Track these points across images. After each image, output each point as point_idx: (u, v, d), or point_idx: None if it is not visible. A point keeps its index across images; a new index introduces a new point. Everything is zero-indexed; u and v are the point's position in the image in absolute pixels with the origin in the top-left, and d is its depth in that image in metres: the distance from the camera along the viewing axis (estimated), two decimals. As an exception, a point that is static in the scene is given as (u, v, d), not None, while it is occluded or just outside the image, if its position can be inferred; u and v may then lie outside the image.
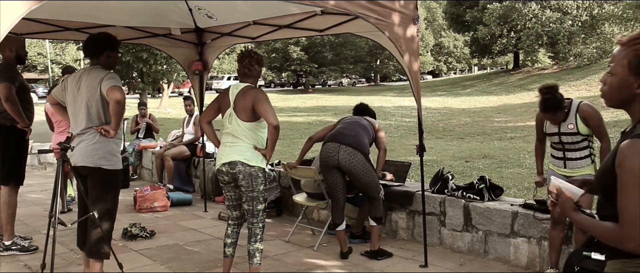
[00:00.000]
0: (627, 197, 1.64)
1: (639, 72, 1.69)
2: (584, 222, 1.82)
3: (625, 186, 1.64)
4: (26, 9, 2.10)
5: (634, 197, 1.62)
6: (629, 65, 1.71)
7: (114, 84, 3.60)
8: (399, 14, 4.08)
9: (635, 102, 1.75)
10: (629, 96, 1.75)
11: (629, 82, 1.72)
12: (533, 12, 32.28)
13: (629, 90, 1.73)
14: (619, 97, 1.79)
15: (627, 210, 1.64)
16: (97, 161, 3.64)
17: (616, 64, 1.75)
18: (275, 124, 3.65)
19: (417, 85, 4.33)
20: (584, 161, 3.88)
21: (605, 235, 1.73)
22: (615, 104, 1.82)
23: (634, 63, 1.69)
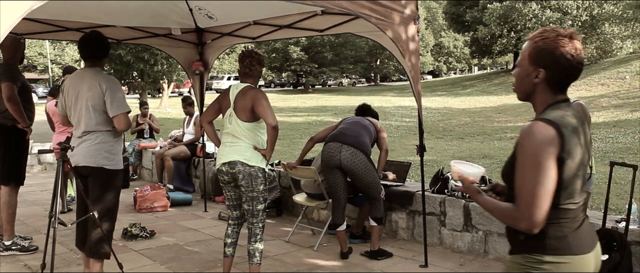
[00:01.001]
0: (521, 176, 1.70)
1: (537, 62, 1.79)
2: (486, 204, 1.86)
3: (520, 165, 1.71)
4: (27, 8, 2.10)
5: (527, 175, 1.68)
6: (529, 56, 1.82)
7: (122, 112, 3.63)
8: (399, 13, 4.08)
9: (536, 93, 1.84)
10: (531, 87, 1.84)
11: (529, 71, 1.82)
12: (533, 12, 32.26)
13: (529, 80, 1.83)
14: (522, 88, 1.88)
15: (521, 189, 1.70)
16: (99, 161, 3.65)
17: (521, 57, 1.86)
18: (274, 124, 3.65)
19: (418, 85, 4.33)
20: None
21: (504, 215, 1.78)
22: (522, 96, 1.89)
23: (533, 54, 1.80)
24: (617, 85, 21.74)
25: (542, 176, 1.66)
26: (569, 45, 1.75)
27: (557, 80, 1.79)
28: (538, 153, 1.67)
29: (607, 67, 25.83)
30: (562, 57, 1.75)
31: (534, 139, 1.68)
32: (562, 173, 1.70)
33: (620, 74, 23.26)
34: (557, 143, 1.68)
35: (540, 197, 1.66)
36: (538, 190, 1.66)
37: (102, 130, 3.67)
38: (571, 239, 1.76)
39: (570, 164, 1.70)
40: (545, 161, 1.66)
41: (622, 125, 13.46)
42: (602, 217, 3.89)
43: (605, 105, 17.69)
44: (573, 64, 1.76)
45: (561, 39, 1.76)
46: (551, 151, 1.67)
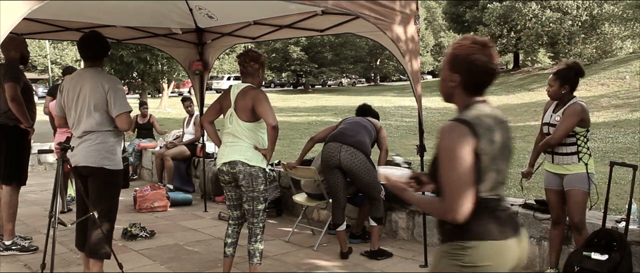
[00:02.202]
0: (443, 171, 1.85)
1: (452, 68, 1.95)
2: (413, 199, 2.04)
3: (441, 161, 1.87)
4: (27, 9, 2.10)
5: (447, 170, 1.84)
6: (447, 62, 1.97)
7: (124, 111, 3.64)
8: (399, 13, 4.08)
9: (455, 96, 2.00)
10: (450, 90, 2.00)
11: (447, 76, 1.98)
12: (533, 12, 32.24)
13: (446, 84, 2.00)
14: (443, 91, 2.04)
15: (444, 183, 1.85)
16: (100, 161, 3.65)
17: (442, 63, 2.03)
18: (274, 124, 3.65)
19: (418, 85, 4.33)
20: (570, 157, 3.79)
21: (432, 208, 1.93)
22: (445, 98, 2.06)
23: (450, 61, 1.96)
24: (617, 85, 21.73)
25: (460, 170, 1.81)
26: (481, 53, 1.91)
27: (471, 84, 1.95)
28: (454, 149, 1.82)
29: (607, 67, 25.83)
30: (473, 63, 1.90)
31: (450, 137, 1.84)
32: (479, 167, 1.85)
33: (620, 74, 23.26)
34: (472, 140, 1.83)
35: (461, 189, 1.82)
36: (458, 182, 1.82)
37: (102, 130, 3.67)
38: (492, 226, 1.90)
39: (485, 159, 1.85)
40: (462, 156, 1.81)
41: (622, 125, 13.46)
42: (602, 217, 3.89)
43: (605, 105, 17.69)
44: (484, 70, 1.92)
45: (474, 46, 1.91)
46: (466, 147, 1.82)
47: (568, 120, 3.73)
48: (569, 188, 3.80)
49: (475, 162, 1.83)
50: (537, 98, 21.78)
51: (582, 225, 3.81)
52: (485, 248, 1.89)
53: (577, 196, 3.76)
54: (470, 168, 1.82)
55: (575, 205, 3.78)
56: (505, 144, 1.95)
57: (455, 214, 1.83)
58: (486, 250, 1.89)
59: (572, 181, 3.78)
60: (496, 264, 1.89)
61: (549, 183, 3.95)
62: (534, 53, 39.63)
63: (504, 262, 1.92)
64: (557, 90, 3.84)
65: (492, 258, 1.89)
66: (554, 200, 3.95)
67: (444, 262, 1.95)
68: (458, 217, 1.83)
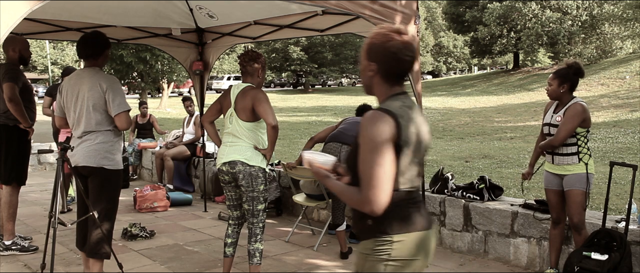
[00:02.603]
0: (363, 162, 1.81)
1: (370, 57, 1.93)
2: (335, 187, 1.95)
3: (361, 152, 1.82)
4: (28, 9, 2.10)
5: (368, 161, 1.80)
6: (365, 52, 1.95)
7: (123, 111, 3.64)
8: (399, 13, 4.08)
9: (374, 86, 1.97)
10: (369, 80, 1.97)
11: (365, 66, 1.96)
12: (533, 12, 32.25)
13: (366, 74, 1.97)
14: (364, 81, 2.01)
15: (363, 173, 1.81)
16: (99, 161, 3.65)
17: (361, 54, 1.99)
18: (274, 124, 3.66)
19: (418, 85, 4.33)
20: (570, 158, 3.79)
21: (350, 198, 1.88)
22: (366, 90, 2.02)
23: (367, 50, 1.94)
24: (617, 85, 21.74)
25: (382, 161, 1.78)
26: (397, 40, 1.90)
27: (389, 72, 1.94)
28: (377, 140, 1.79)
29: (607, 67, 25.83)
30: (389, 50, 1.89)
31: (373, 127, 1.80)
32: (400, 159, 1.83)
33: (620, 74, 23.27)
34: (395, 132, 1.81)
35: (381, 180, 1.78)
36: (379, 174, 1.78)
37: (102, 130, 3.67)
38: (413, 218, 1.92)
39: (407, 151, 1.85)
40: (384, 147, 1.79)
41: (622, 125, 13.46)
42: (602, 217, 3.89)
43: (605, 105, 17.69)
44: (400, 57, 1.91)
45: (390, 34, 1.90)
46: (389, 138, 1.80)
47: (570, 121, 3.73)
48: (569, 188, 3.80)
49: (397, 153, 1.82)
50: (537, 98, 21.80)
51: (581, 225, 3.81)
52: (412, 240, 1.90)
53: (576, 196, 3.77)
54: (392, 159, 1.80)
55: (574, 205, 3.78)
56: (423, 137, 1.95)
57: (373, 206, 1.79)
58: (413, 242, 1.90)
59: (572, 181, 3.78)
60: (422, 255, 1.93)
61: (549, 184, 3.95)
62: (534, 53, 39.61)
63: (428, 252, 1.96)
64: (556, 89, 3.84)
65: (419, 249, 1.92)
66: (554, 201, 3.95)
67: (371, 259, 1.91)
68: (376, 209, 1.79)
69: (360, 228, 1.97)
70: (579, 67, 3.86)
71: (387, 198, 1.80)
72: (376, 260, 1.90)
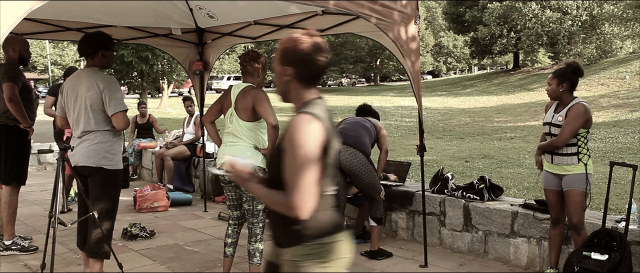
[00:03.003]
0: (292, 166, 1.81)
1: (284, 62, 1.94)
2: (258, 191, 1.95)
3: (290, 157, 1.82)
4: (28, 9, 2.10)
5: (294, 165, 1.80)
6: (278, 57, 1.97)
7: (120, 110, 3.63)
8: (400, 13, 4.08)
9: (291, 90, 1.98)
10: (286, 86, 1.98)
11: (280, 71, 1.97)
12: (533, 12, 32.25)
13: (282, 80, 1.97)
14: (280, 88, 2.01)
15: (291, 178, 1.81)
16: (98, 161, 3.65)
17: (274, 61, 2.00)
18: (274, 123, 3.66)
19: (418, 85, 4.34)
20: (570, 158, 3.79)
21: (277, 203, 1.88)
22: (283, 97, 2.02)
23: (281, 55, 1.96)
24: (617, 85, 21.73)
25: (312, 166, 1.80)
26: (308, 42, 1.91)
27: (305, 76, 1.94)
28: (308, 145, 1.79)
29: (607, 67, 25.83)
30: (302, 53, 1.90)
31: (303, 132, 1.81)
32: (326, 163, 1.86)
33: (620, 74, 23.26)
34: (322, 135, 1.83)
35: (311, 185, 1.80)
36: (308, 179, 1.79)
37: (101, 130, 3.67)
38: (335, 220, 1.97)
39: (330, 154, 1.89)
40: (314, 152, 1.80)
41: (622, 125, 13.46)
42: (602, 217, 3.89)
43: (605, 105, 17.69)
44: (314, 60, 1.91)
45: (302, 37, 1.92)
46: (318, 142, 1.81)
47: (573, 122, 3.74)
48: (568, 188, 3.80)
49: (323, 158, 1.84)
50: (537, 98, 21.79)
51: (580, 225, 3.81)
52: (341, 242, 1.95)
53: (575, 196, 3.77)
54: (320, 164, 1.82)
55: (573, 206, 3.78)
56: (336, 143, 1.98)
57: (301, 211, 1.80)
58: (341, 243, 1.95)
59: (571, 181, 3.78)
60: (348, 254, 1.99)
61: (548, 184, 3.95)
62: (534, 53, 39.62)
63: (349, 251, 2.02)
64: (556, 89, 3.84)
65: (346, 250, 1.98)
66: (553, 201, 3.95)
67: (304, 265, 1.91)
68: (304, 214, 1.81)
69: (286, 234, 1.94)
70: (578, 66, 3.86)
71: (315, 202, 1.83)
72: (311, 264, 1.90)
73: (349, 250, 2.00)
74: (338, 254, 1.94)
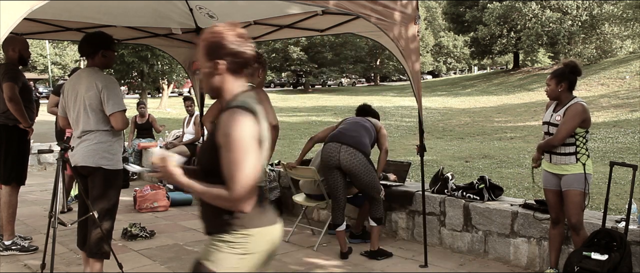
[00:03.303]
0: (229, 160, 1.82)
1: (213, 56, 1.93)
2: (195, 187, 1.91)
3: (229, 152, 1.82)
4: (28, 9, 2.10)
5: (234, 160, 1.81)
6: (204, 53, 1.95)
7: (118, 110, 3.62)
8: (400, 13, 4.08)
9: (222, 84, 1.97)
10: (216, 81, 1.97)
11: (209, 66, 1.95)
12: (533, 12, 32.27)
13: (213, 75, 1.96)
14: (209, 84, 1.99)
15: (230, 173, 1.82)
16: (98, 161, 3.65)
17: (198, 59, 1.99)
18: (274, 123, 3.66)
19: (418, 85, 4.33)
20: (568, 158, 3.78)
21: (218, 198, 1.87)
22: (212, 93, 2.02)
23: (207, 50, 1.94)
24: (617, 85, 21.74)
25: (252, 159, 1.82)
26: (232, 34, 1.93)
27: (234, 67, 1.95)
28: (245, 138, 1.82)
29: (607, 67, 25.84)
30: (230, 45, 1.92)
31: (238, 126, 1.82)
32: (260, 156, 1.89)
33: (620, 74, 23.27)
34: (257, 128, 1.86)
35: (252, 178, 1.83)
36: (250, 172, 1.81)
37: (100, 130, 3.67)
38: (266, 212, 2.00)
39: (264, 146, 1.91)
40: (252, 145, 1.83)
41: (622, 125, 13.46)
42: (602, 217, 3.89)
43: (605, 105, 17.69)
44: (241, 50, 1.93)
45: (225, 30, 1.93)
46: (254, 136, 1.84)
47: (571, 121, 3.73)
48: (566, 188, 3.79)
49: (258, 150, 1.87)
50: (537, 98, 21.80)
51: (579, 225, 3.80)
52: (264, 235, 1.97)
53: (574, 196, 3.76)
54: (258, 157, 1.85)
55: (572, 206, 3.77)
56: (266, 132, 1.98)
57: (245, 204, 1.84)
58: (265, 236, 1.97)
59: (570, 181, 3.78)
60: (271, 248, 2.02)
61: (548, 184, 3.95)
62: (534, 53, 39.63)
63: (275, 245, 2.05)
64: (554, 89, 3.85)
65: (269, 243, 2.00)
66: (552, 200, 3.95)
67: (225, 252, 1.94)
68: (247, 207, 1.85)
69: (215, 223, 1.97)
70: (575, 65, 3.87)
71: (253, 196, 1.87)
72: (229, 253, 1.93)
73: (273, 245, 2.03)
74: (261, 247, 1.97)
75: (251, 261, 1.97)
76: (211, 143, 1.91)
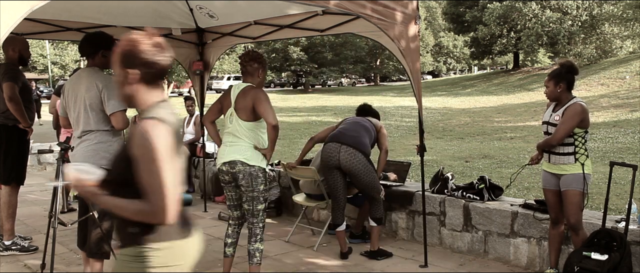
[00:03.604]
0: (148, 172, 1.78)
1: (126, 65, 1.89)
2: (114, 203, 1.88)
3: (146, 164, 1.78)
4: (28, 9, 2.11)
5: (151, 171, 1.77)
6: (119, 61, 1.91)
7: (119, 110, 3.62)
8: (400, 13, 4.08)
9: (135, 94, 1.93)
10: (129, 90, 1.93)
11: (123, 76, 1.91)
12: (533, 12, 32.27)
13: (126, 84, 1.92)
14: (123, 93, 1.95)
15: (149, 185, 1.78)
16: (98, 161, 3.64)
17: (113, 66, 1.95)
18: (274, 123, 3.66)
19: (418, 85, 4.34)
20: (566, 157, 3.78)
21: (137, 212, 1.82)
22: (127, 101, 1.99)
23: (121, 58, 1.90)
24: (617, 85, 21.74)
25: (169, 171, 1.79)
26: (149, 43, 1.88)
27: (149, 77, 1.91)
28: (162, 150, 1.78)
29: (607, 67, 25.83)
30: (144, 54, 1.87)
31: (155, 138, 1.78)
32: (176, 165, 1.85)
33: (620, 74, 23.27)
34: (170, 139, 1.81)
35: (172, 190, 1.79)
36: (169, 185, 1.78)
37: (100, 130, 3.67)
38: (178, 226, 1.91)
39: (179, 158, 1.88)
40: (169, 158, 1.79)
41: (622, 125, 13.46)
42: (602, 217, 3.89)
43: (605, 105, 17.69)
44: (155, 60, 1.88)
45: (141, 38, 1.88)
46: (170, 148, 1.81)
47: (569, 120, 3.73)
48: (565, 188, 3.79)
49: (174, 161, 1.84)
50: (537, 98, 21.79)
51: (578, 225, 3.80)
52: (176, 248, 1.91)
53: (573, 196, 3.76)
54: (175, 167, 1.82)
55: (571, 206, 3.77)
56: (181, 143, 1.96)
57: (167, 216, 1.79)
58: (177, 250, 1.91)
59: (568, 181, 3.78)
60: (185, 262, 1.95)
61: (547, 184, 3.95)
62: (534, 53, 39.63)
63: (191, 259, 1.99)
64: (553, 90, 3.85)
65: (182, 257, 1.93)
66: (552, 200, 3.95)
67: (133, 266, 1.89)
68: (169, 219, 1.80)
69: (123, 236, 1.93)
70: (571, 64, 3.87)
71: (176, 207, 1.81)
72: (138, 267, 1.88)
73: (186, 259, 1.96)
74: (171, 261, 1.90)
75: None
76: (124, 155, 1.87)
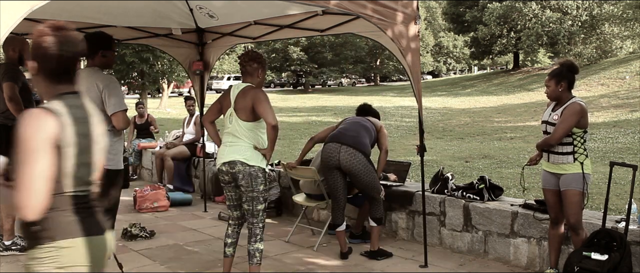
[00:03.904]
0: (18, 162, 1.74)
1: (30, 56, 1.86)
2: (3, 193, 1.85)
3: (18, 153, 1.74)
4: (28, 9, 2.11)
5: (23, 162, 1.72)
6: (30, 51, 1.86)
7: (119, 110, 3.62)
8: (400, 13, 4.09)
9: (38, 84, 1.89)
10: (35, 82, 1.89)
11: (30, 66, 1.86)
12: (533, 12, 32.26)
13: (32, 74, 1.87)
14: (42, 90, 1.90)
15: (19, 176, 1.73)
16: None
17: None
18: (274, 123, 3.66)
19: (418, 85, 4.34)
20: (565, 157, 3.77)
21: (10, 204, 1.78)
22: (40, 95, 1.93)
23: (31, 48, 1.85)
24: (616, 85, 21.74)
25: (36, 163, 1.71)
26: (52, 36, 1.81)
27: (51, 70, 1.85)
28: (32, 140, 1.72)
29: (606, 67, 25.83)
30: (44, 47, 1.82)
31: (30, 127, 1.73)
32: (61, 160, 1.76)
33: (620, 74, 23.27)
34: (53, 131, 1.74)
35: (34, 184, 1.71)
36: (32, 177, 1.71)
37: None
38: (83, 223, 1.84)
39: (70, 152, 1.77)
40: (38, 148, 1.72)
41: (622, 125, 13.46)
42: (602, 217, 3.89)
43: (605, 105, 17.69)
44: (58, 53, 1.82)
45: (46, 30, 1.82)
46: (46, 139, 1.73)
47: (567, 120, 3.73)
48: (565, 188, 3.79)
49: (57, 154, 1.75)
50: (537, 98, 21.80)
51: (578, 225, 3.80)
52: (83, 246, 1.83)
53: (572, 196, 3.76)
54: (48, 161, 1.73)
55: (570, 206, 3.77)
56: (95, 138, 1.90)
57: (26, 211, 1.71)
58: (84, 247, 1.83)
59: (568, 181, 3.77)
60: (95, 260, 1.86)
61: (547, 183, 3.95)
62: (534, 53, 39.61)
63: (101, 256, 1.91)
64: (554, 89, 3.85)
65: (91, 254, 1.85)
66: (552, 200, 3.95)
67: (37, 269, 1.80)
68: (29, 214, 1.72)
69: (27, 236, 1.85)
70: (571, 63, 3.87)
71: (42, 203, 1.72)
72: (42, 269, 1.79)
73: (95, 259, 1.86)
74: (77, 261, 1.81)
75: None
76: None
